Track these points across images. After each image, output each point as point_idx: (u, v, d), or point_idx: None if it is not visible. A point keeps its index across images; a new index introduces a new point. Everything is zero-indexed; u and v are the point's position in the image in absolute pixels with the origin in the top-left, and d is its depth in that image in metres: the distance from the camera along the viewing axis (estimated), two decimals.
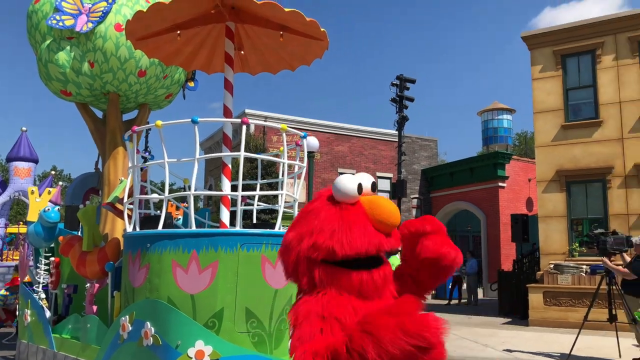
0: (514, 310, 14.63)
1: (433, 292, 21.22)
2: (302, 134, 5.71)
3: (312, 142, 11.20)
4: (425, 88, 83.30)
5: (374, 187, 2.42)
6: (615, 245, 8.28)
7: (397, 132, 19.10)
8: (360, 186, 2.35)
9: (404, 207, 22.79)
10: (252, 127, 22.50)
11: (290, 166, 5.81)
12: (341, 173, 25.15)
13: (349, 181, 2.34)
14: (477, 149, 46.27)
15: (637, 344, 8.26)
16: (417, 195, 26.66)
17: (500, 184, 22.60)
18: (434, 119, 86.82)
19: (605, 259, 8.33)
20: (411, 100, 18.42)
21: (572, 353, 8.32)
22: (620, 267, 8.24)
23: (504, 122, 28.16)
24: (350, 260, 2.24)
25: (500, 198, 22.46)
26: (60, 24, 7.99)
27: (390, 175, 25.89)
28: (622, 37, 13.52)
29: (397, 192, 18.09)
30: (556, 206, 13.91)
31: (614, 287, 8.37)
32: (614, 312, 8.33)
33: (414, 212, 26.57)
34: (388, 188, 25.63)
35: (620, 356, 8.34)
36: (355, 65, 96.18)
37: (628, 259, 8.32)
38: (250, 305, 4.70)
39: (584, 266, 12.68)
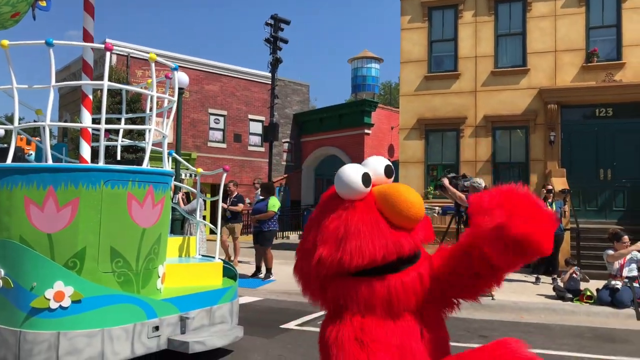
0: None
1: (300, 232, 21.97)
2: (173, 65, 5.39)
3: (182, 77, 10.66)
4: (299, 31, 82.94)
5: (389, 172, 1.90)
6: (465, 187, 9.18)
7: (270, 75, 18.92)
8: (366, 177, 1.84)
9: (275, 151, 22.94)
10: (114, 59, 20.82)
11: (158, 101, 5.48)
12: (211, 114, 24.48)
13: (351, 172, 1.84)
14: (346, 96, 47.70)
15: None
16: (288, 140, 26.94)
17: (366, 130, 23.63)
18: (306, 64, 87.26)
19: (452, 188, 8.98)
20: (285, 42, 18.25)
21: None
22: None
23: (372, 70, 29.17)
24: (369, 270, 1.81)
25: (365, 144, 23.54)
26: None
27: (262, 118, 25.75)
28: None
29: (269, 135, 18.12)
30: (415, 152, 14.94)
31: (461, 225, 9.31)
32: None
33: (285, 156, 26.90)
34: (260, 131, 25.54)
35: None
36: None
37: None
38: (115, 245, 4.47)
39: (437, 207, 13.91)
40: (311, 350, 5.53)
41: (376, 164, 1.92)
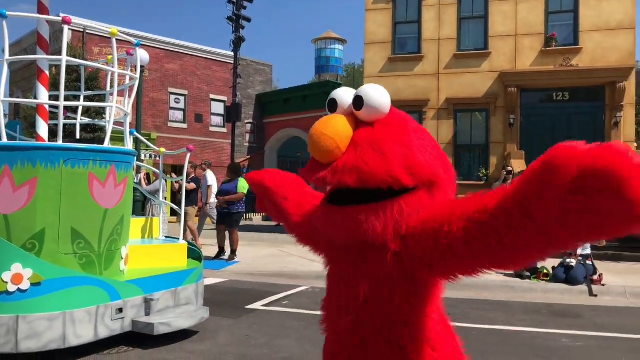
0: None
1: (263, 215, 21.90)
2: (136, 41, 5.21)
3: (143, 55, 10.34)
4: (262, 10, 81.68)
5: (356, 103, 1.70)
6: None
7: (232, 54, 18.60)
8: (330, 102, 1.81)
9: (238, 132, 22.64)
10: (70, 36, 20.01)
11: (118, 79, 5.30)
12: (172, 93, 23.92)
13: (332, 93, 1.82)
14: (310, 77, 47.40)
15: None
16: (251, 121, 26.65)
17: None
18: (269, 44, 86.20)
19: None
20: (248, 20, 17.93)
21: None
22: None
23: (336, 52, 29.10)
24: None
25: None
26: None
27: (224, 98, 25.34)
28: None
29: (232, 115, 17.87)
30: None
31: None
32: None
33: (247, 137, 26.63)
34: (222, 111, 25.15)
35: None
36: None
37: None
38: (76, 226, 4.34)
39: None
40: (277, 330, 5.55)
41: (344, 93, 1.77)
